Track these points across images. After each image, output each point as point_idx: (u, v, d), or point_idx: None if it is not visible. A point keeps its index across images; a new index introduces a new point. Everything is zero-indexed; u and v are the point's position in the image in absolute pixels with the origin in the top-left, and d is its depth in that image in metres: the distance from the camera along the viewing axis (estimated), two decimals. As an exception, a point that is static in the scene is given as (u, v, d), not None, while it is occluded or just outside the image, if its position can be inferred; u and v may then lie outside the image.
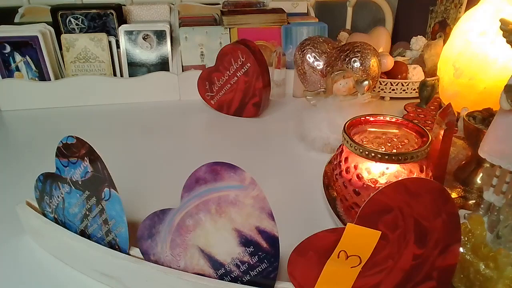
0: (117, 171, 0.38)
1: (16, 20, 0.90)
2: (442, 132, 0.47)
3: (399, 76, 0.85)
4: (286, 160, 0.64)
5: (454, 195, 0.51)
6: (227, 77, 0.76)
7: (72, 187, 0.39)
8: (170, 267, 0.36)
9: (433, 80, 0.78)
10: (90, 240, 0.39)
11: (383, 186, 0.30)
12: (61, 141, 0.38)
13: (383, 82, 0.84)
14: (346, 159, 0.45)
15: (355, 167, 0.43)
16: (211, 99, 0.81)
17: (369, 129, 0.48)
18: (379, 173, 0.42)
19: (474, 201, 0.50)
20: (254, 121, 0.78)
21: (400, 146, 0.46)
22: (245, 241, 0.33)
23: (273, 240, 0.32)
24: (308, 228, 0.32)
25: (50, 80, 0.82)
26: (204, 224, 0.33)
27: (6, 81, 0.80)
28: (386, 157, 0.40)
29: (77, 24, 0.84)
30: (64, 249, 0.41)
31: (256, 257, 0.33)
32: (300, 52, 0.81)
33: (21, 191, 0.46)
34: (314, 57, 0.80)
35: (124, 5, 0.92)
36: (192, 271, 0.35)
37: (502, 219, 0.38)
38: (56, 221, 0.42)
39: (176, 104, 0.86)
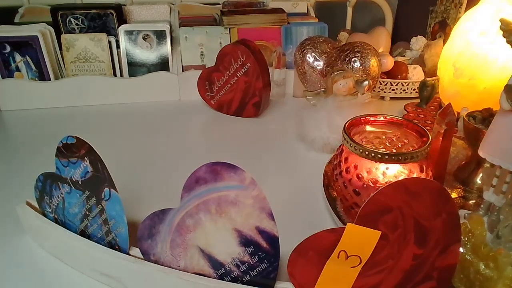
0: (117, 171, 0.38)
1: (16, 20, 0.90)
2: (442, 132, 0.47)
3: (399, 76, 0.85)
4: (286, 160, 0.64)
5: (454, 195, 0.51)
6: (227, 77, 0.76)
7: (72, 187, 0.39)
8: (170, 267, 0.36)
9: (433, 80, 0.78)
10: (90, 240, 0.39)
11: (383, 186, 0.30)
12: (61, 141, 0.38)
13: (383, 82, 0.84)
14: (346, 159, 0.45)
15: (355, 167, 0.43)
16: (211, 99, 0.81)
17: (369, 129, 0.48)
18: (379, 173, 0.42)
19: (474, 201, 0.50)
20: (254, 121, 0.78)
21: (400, 146, 0.46)
22: (245, 241, 0.33)
23: (273, 240, 0.32)
24: (308, 228, 0.32)
25: (50, 80, 0.82)
26: (204, 224, 0.33)
27: (6, 81, 0.80)
28: (386, 157, 0.40)
29: (77, 24, 0.84)
30: (64, 249, 0.41)
31: (256, 257, 0.33)
32: (300, 52, 0.81)
33: (21, 191, 0.46)
34: (314, 57, 0.79)
35: (124, 5, 0.92)
36: (192, 271, 0.35)
37: (502, 219, 0.38)
38: (56, 221, 0.42)
39: (176, 104, 0.86)
